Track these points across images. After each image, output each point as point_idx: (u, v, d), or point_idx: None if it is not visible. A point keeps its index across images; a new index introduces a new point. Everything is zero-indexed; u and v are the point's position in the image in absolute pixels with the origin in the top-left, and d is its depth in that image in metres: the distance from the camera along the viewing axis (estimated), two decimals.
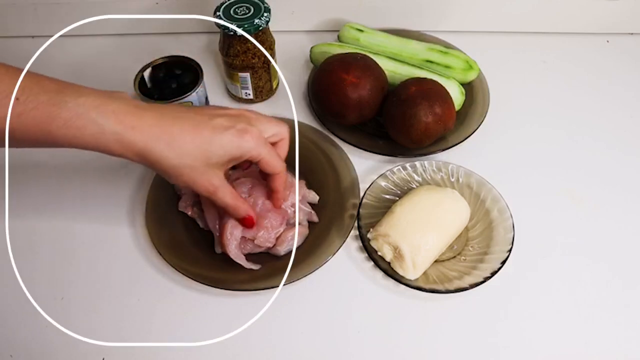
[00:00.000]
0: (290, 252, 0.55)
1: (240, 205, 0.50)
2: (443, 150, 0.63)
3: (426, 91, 0.60)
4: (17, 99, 0.39)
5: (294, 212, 0.56)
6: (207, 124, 0.45)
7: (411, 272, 0.52)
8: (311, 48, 0.72)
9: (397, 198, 0.58)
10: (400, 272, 0.53)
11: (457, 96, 0.65)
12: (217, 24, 0.61)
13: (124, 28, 0.79)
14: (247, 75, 0.66)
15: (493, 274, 0.52)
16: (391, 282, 0.53)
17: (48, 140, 0.40)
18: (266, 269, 0.53)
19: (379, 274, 0.54)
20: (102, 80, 0.73)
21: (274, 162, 0.49)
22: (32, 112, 0.39)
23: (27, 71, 0.41)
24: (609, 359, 0.50)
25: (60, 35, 0.79)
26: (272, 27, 0.65)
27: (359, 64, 0.62)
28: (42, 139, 0.40)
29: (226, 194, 0.48)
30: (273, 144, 0.50)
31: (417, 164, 0.61)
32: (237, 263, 0.53)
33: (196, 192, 0.47)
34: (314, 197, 0.59)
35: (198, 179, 0.45)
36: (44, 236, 0.58)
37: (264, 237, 0.53)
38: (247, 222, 0.51)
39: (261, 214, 0.54)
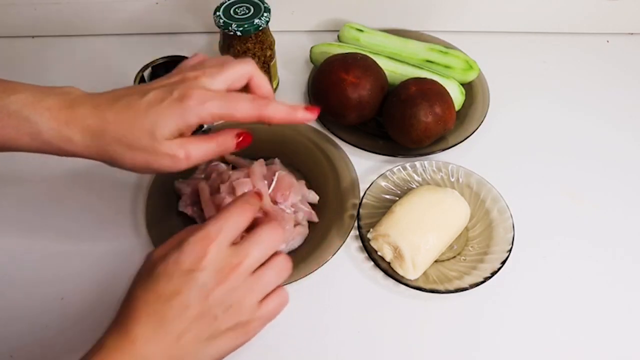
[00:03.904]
0: (291, 252, 0.55)
1: (225, 136, 0.43)
2: (443, 150, 0.63)
3: (426, 91, 0.60)
4: None
5: (294, 212, 0.56)
6: (141, 101, 0.40)
7: (411, 272, 0.52)
8: (311, 48, 0.72)
9: (397, 198, 0.58)
10: (400, 272, 0.53)
11: (457, 96, 0.65)
12: (218, 24, 0.61)
13: (124, 28, 0.79)
14: None
15: (493, 274, 0.52)
16: (391, 282, 0.53)
17: None
18: None
19: (379, 274, 0.54)
20: (102, 80, 0.73)
21: (245, 109, 0.41)
22: None
23: None
24: (610, 359, 0.50)
25: (60, 35, 0.79)
26: (272, 27, 0.65)
27: (359, 64, 0.62)
28: None
29: (200, 151, 0.41)
30: (245, 88, 0.44)
31: (417, 164, 0.61)
32: None
33: (163, 172, 0.42)
34: (314, 197, 0.59)
35: (156, 159, 0.40)
36: (44, 236, 0.58)
37: (282, 248, 0.54)
38: (243, 141, 0.43)
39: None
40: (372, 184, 0.59)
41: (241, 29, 0.60)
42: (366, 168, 0.63)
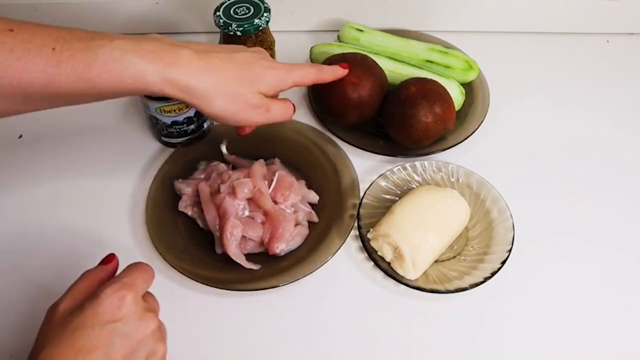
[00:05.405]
0: (290, 252, 0.55)
1: (290, 104, 0.52)
2: (443, 150, 0.63)
3: (426, 91, 0.60)
4: (52, 49, 0.39)
5: (294, 212, 0.56)
6: (237, 56, 0.47)
7: (411, 272, 0.52)
8: (311, 48, 0.72)
9: (397, 198, 0.58)
10: (400, 272, 0.53)
11: (457, 96, 0.65)
12: (218, 24, 0.61)
13: (124, 28, 0.79)
14: None
15: (493, 274, 0.52)
16: (391, 282, 0.53)
17: (90, 88, 0.40)
18: (266, 269, 0.53)
19: (379, 274, 0.54)
20: None
21: (311, 75, 0.52)
22: (69, 61, 0.39)
23: (60, 26, 0.41)
24: (609, 359, 0.50)
25: None
26: (272, 27, 0.65)
27: (359, 64, 0.62)
28: (83, 88, 0.40)
29: (279, 110, 0.49)
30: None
31: (417, 164, 0.61)
32: (237, 263, 0.53)
33: (240, 123, 0.48)
34: (314, 197, 0.59)
35: (244, 109, 0.46)
36: (44, 236, 0.58)
37: (282, 248, 0.54)
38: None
39: (274, 225, 0.54)
40: (372, 184, 0.59)
41: (241, 29, 0.60)
42: (366, 168, 0.63)
